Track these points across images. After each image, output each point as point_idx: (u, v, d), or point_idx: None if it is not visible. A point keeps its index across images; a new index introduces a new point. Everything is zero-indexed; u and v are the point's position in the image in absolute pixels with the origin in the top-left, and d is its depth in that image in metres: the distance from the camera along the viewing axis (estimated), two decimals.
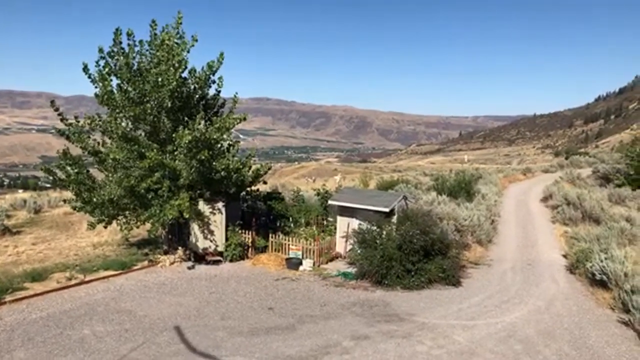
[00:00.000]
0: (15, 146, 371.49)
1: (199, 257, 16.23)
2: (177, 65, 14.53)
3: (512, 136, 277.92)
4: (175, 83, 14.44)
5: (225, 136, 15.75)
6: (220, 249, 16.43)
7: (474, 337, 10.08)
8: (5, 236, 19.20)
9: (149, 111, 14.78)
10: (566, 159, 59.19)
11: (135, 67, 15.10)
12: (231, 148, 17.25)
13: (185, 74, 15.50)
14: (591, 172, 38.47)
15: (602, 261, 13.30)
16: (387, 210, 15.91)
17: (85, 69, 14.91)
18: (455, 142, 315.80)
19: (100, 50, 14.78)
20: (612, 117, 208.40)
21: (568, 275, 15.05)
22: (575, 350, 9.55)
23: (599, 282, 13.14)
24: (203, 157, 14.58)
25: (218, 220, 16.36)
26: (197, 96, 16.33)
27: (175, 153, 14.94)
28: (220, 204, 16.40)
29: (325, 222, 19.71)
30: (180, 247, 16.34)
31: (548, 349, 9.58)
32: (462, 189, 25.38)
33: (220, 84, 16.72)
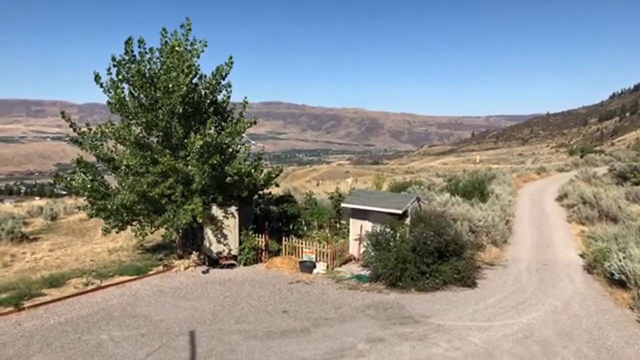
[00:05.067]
0: (31, 154, 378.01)
1: (213, 261, 16.31)
2: (186, 71, 14.68)
3: (526, 135, 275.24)
4: (185, 89, 14.58)
5: (237, 140, 15.86)
6: (234, 252, 16.50)
7: (490, 338, 9.97)
8: (23, 243, 19.50)
9: (160, 117, 14.97)
10: (581, 157, 58.42)
11: (146, 74, 15.28)
12: (241, 151, 17.34)
13: (195, 80, 15.66)
14: (607, 170, 37.88)
15: (620, 260, 13.08)
16: (400, 212, 15.84)
17: (97, 78, 15.18)
18: (467, 143, 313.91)
19: (113, 59, 15.01)
20: (628, 114, 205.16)
21: (585, 275, 14.81)
22: (595, 351, 9.39)
23: (618, 281, 12.91)
24: (215, 162, 14.71)
25: (231, 224, 16.43)
26: (207, 101, 16.46)
27: (188, 158, 15.08)
28: (233, 208, 16.48)
29: (338, 225, 19.66)
30: (194, 252, 16.43)
31: (566, 350, 9.44)
32: (476, 189, 25.13)
33: (229, 89, 16.88)
